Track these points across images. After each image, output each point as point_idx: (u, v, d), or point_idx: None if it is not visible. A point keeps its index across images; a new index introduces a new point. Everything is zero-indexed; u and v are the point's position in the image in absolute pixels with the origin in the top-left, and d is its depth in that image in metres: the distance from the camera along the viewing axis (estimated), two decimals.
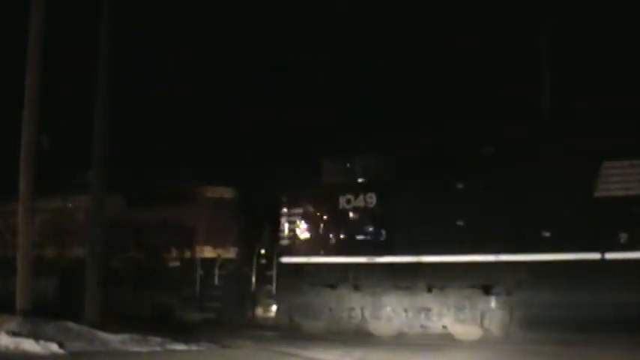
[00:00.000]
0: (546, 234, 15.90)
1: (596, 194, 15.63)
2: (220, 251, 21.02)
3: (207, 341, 15.71)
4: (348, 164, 18.31)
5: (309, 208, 18.74)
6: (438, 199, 17.12)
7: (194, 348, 14.96)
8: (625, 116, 15.97)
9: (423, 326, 17.20)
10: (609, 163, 15.59)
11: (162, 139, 29.13)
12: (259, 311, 20.49)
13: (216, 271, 20.65)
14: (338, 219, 18.21)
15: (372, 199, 17.81)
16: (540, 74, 21.80)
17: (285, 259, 18.91)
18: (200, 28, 29.91)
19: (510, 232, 16.13)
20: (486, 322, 16.51)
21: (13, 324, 14.85)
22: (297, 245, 18.80)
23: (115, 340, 14.88)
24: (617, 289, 14.86)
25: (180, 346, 14.93)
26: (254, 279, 20.00)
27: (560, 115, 20.67)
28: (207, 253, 21.02)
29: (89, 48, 18.41)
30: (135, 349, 14.59)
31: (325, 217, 18.42)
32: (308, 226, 18.66)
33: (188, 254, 21.20)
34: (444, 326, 16.98)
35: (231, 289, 20.69)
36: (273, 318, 19.80)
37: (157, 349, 14.74)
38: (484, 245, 16.19)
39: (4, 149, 20.03)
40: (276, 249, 19.30)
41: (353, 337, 17.35)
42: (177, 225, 21.42)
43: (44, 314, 16.61)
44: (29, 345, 13.84)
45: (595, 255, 15.39)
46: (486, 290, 16.47)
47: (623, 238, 15.29)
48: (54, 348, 13.83)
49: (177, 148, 28.44)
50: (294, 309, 18.62)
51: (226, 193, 21.56)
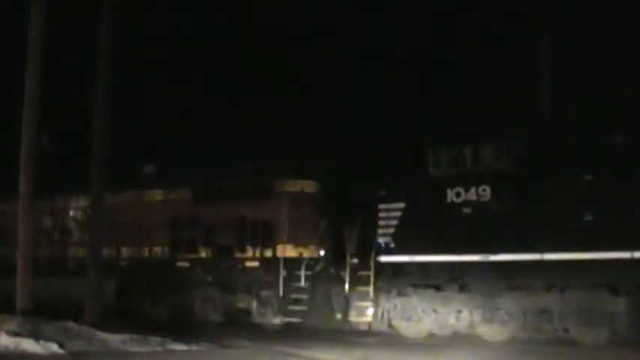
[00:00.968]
0: None
1: None
2: (302, 250, 19.15)
3: (207, 341, 15.70)
4: (458, 154, 16.78)
5: (411, 202, 17.21)
6: (560, 190, 15.62)
7: (194, 348, 14.97)
8: None
9: (539, 330, 15.85)
10: None
11: (234, 129, 27.90)
12: (352, 315, 18.07)
13: (303, 272, 18.63)
14: (445, 214, 16.70)
15: (486, 191, 16.34)
16: (540, 74, 21.76)
17: (385, 257, 17.39)
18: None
19: None
20: (614, 325, 15.15)
21: (13, 324, 14.86)
22: (398, 243, 17.27)
23: (115, 340, 14.89)
24: None
25: (181, 346, 14.94)
26: (347, 280, 17.94)
27: None
28: (289, 252, 19.15)
29: (89, 48, 18.41)
30: (135, 349, 14.59)
31: (431, 212, 16.90)
32: (411, 222, 17.12)
33: (268, 253, 19.41)
34: (565, 330, 15.64)
35: (318, 291, 18.70)
36: (368, 323, 18.03)
37: (157, 349, 14.75)
38: (613, 241, 14.75)
39: (4, 149, 20.00)
40: (374, 247, 17.53)
41: (460, 342, 16.26)
42: (254, 222, 19.64)
43: (106, 317, 17.19)
44: (29, 345, 13.85)
45: None
46: (612, 290, 15.14)
47: None
48: (54, 348, 13.85)
49: (252, 138, 26.98)
50: (393, 312, 17.38)
51: (308, 186, 19.55)
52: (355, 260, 17.94)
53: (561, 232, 15.32)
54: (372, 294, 17.44)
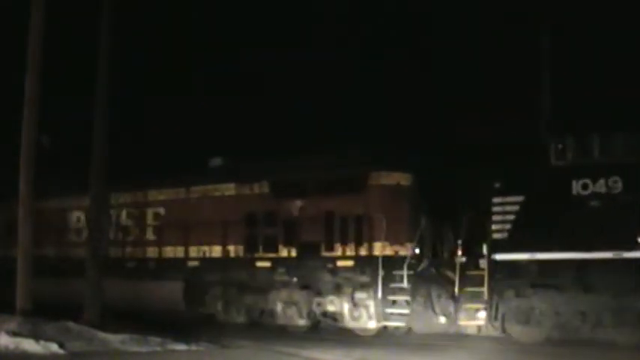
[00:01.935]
0: None
1: None
2: (398, 248, 17.53)
3: (207, 341, 15.70)
4: (584, 143, 15.48)
5: (531, 194, 15.87)
6: None
7: (194, 348, 14.96)
8: None
9: None
10: None
11: (317, 117, 26.19)
12: (460, 318, 16.79)
13: (405, 272, 16.95)
14: (570, 207, 15.34)
15: (617, 183, 15.08)
16: (540, 74, 21.73)
17: (500, 256, 16.04)
18: None
19: None
20: None
21: (13, 324, 14.84)
22: (516, 239, 15.89)
23: (115, 340, 14.88)
24: None
25: (181, 346, 14.93)
26: (457, 280, 16.53)
27: None
28: (384, 250, 17.43)
29: (89, 48, 18.41)
30: (135, 349, 14.59)
31: (554, 206, 15.51)
32: (530, 217, 15.78)
33: (361, 252, 17.74)
34: None
35: (420, 292, 17.31)
36: (478, 327, 16.95)
37: (157, 349, 14.75)
38: None
39: (3, 149, 20.01)
40: (487, 244, 16.26)
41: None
42: (344, 217, 17.98)
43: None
44: (29, 345, 13.85)
45: None
46: None
47: None
48: (54, 348, 13.85)
49: (337, 127, 25.13)
50: (509, 315, 16.08)
51: (404, 179, 17.89)
52: (463, 259, 16.68)
53: None
54: (486, 295, 16.14)
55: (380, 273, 17.22)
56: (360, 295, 17.80)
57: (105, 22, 17.77)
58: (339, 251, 18.12)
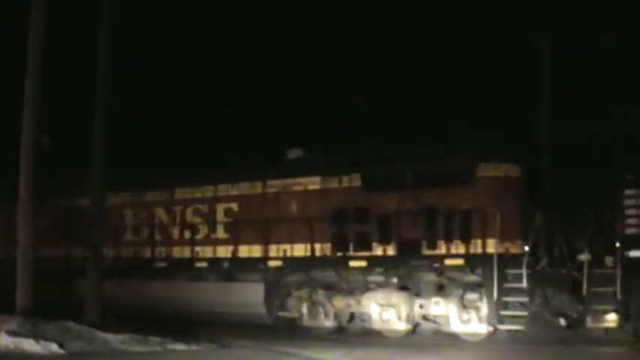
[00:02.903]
0: None
1: None
2: (508, 245, 16.23)
3: (207, 341, 15.69)
4: None
5: None
6: None
7: (194, 348, 14.97)
8: None
9: None
10: None
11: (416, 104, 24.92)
12: (588, 321, 15.46)
13: (524, 271, 15.60)
14: None
15: None
16: (540, 86, 21.65)
17: (635, 252, 15.04)
18: None
19: None
20: None
21: (13, 324, 14.84)
22: None
23: (115, 340, 14.88)
24: None
25: (181, 346, 14.93)
26: (585, 279, 15.31)
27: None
28: (495, 247, 15.97)
29: (89, 47, 18.40)
30: (135, 349, 14.59)
31: None
32: None
33: (474, 249, 16.21)
34: None
35: (537, 293, 16.01)
36: (607, 329, 15.67)
37: (157, 349, 14.76)
38: None
39: (3, 149, 19.99)
40: (619, 240, 15.19)
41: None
42: (449, 212, 16.52)
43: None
44: (29, 345, 13.86)
45: None
46: None
47: None
48: (54, 348, 13.86)
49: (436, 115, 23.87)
50: None
51: (513, 171, 16.59)
52: (589, 256, 15.47)
53: None
54: (618, 295, 15.01)
55: (495, 272, 15.76)
56: (471, 297, 16.44)
57: (104, 22, 17.79)
58: (442, 249, 16.65)
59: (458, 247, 16.44)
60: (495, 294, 15.77)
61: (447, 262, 16.54)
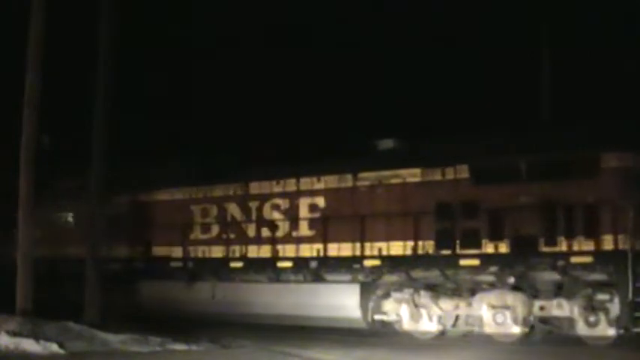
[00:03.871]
0: None
1: None
2: (634, 241, 14.71)
3: (207, 341, 15.69)
4: None
5: None
6: None
7: (194, 348, 14.96)
8: None
9: None
10: None
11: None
12: None
13: None
14: None
15: None
16: (540, 82, 21.69)
17: None
18: None
19: None
20: None
21: (13, 324, 14.84)
22: None
23: (115, 340, 14.88)
24: None
25: (181, 346, 14.93)
26: None
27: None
28: (626, 243, 14.63)
29: (89, 47, 18.42)
30: (135, 349, 14.59)
31: None
32: None
33: (603, 245, 14.95)
34: None
35: None
36: None
37: (157, 349, 14.75)
38: None
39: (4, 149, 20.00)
40: None
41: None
42: (570, 206, 15.20)
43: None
44: (29, 345, 13.85)
45: None
46: None
47: None
48: (54, 348, 13.85)
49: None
50: None
51: (638, 161, 15.23)
52: None
53: None
54: None
55: (629, 270, 14.44)
56: (602, 297, 15.14)
57: (104, 21, 17.80)
58: (563, 245, 15.37)
59: (581, 244, 15.20)
60: (630, 294, 14.49)
61: (573, 259, 15.15)
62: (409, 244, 16.78)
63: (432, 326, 16.68)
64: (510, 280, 15.94)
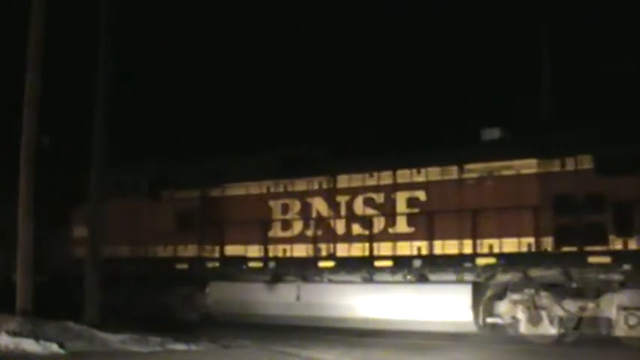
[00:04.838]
0: None
1: None
2: None
3: (207, 341, 15.68)
4: None
5: None
6: None
7: (194, 348, 14.95)
8: None
9: None
10: None
11: None
12: None
13: None
14: None
15: None
16: (540, 81, 21.67)
17: None
18: None
19: None
20: None
21: (13, 324, 14.85)
22: None
23: (115, 340, 14.89)
24: None
25: (181, 346, 14.92)
26: None
27: None
28: None
29: (89, 47, 18.42)
30: (135, 349, 14.59)
31: None
32: None
33: None
34: None
35: None
36: None
37: (157, 349, 14.75)
38: None
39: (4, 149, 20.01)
40: None
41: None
42: None
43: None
44: (29, 345, 13.87)
45: None
46: None
47: None
48: (54, 348, 13.86)
49: None
50: None
51: None
52: None
53: None
54: None
55: None
56: None
57: (104, 20, 17.81)
58: None
59: None
60: None
61: None
62: (525, 240, 15.47)
63: (553, 330, 15.39)
64: None
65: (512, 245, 15.63)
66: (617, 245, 14.70)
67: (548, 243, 15.29)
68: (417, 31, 27.00)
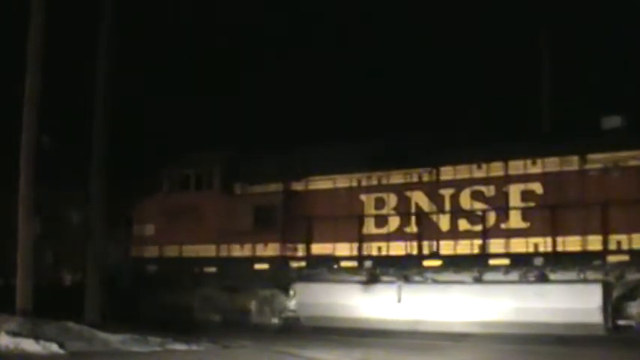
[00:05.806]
0: None
1: None
2: None
3: (207, 341, 15.69)
4: None
5: None
6: None
7: (194, 348, 14.95)
8: None
9: None
10: None
11: None
12: None
13: None
14: None
15: None
16: (540, 87, 21.64)
17: None
18: None
19: None
20: None
21: (13, 324, 14.86)
22: None
23: (115, 340, 14.89)
24: None
25: (181, 346, 14.92)
26: None
27: None
28: None
29: (89, 46, 18.44)
30: (135, 349, 14.60)
31: None
32: None
33: None
34: None
35: None
36: None
37: (157, 349, 14.75)
38: None
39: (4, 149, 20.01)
40: None
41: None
42: None
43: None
44: (29, 345, 13.87)
45: None
46: None
47: None
48: (54, 348, 13.86)
49: None
50: None
51: None
52: None
53: None
54: None
55: None
56: None
57: (105, 20, 17.82)
58: None
59: None
60: None
61: None
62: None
63: None
64: None
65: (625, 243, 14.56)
66: None
67: None
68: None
